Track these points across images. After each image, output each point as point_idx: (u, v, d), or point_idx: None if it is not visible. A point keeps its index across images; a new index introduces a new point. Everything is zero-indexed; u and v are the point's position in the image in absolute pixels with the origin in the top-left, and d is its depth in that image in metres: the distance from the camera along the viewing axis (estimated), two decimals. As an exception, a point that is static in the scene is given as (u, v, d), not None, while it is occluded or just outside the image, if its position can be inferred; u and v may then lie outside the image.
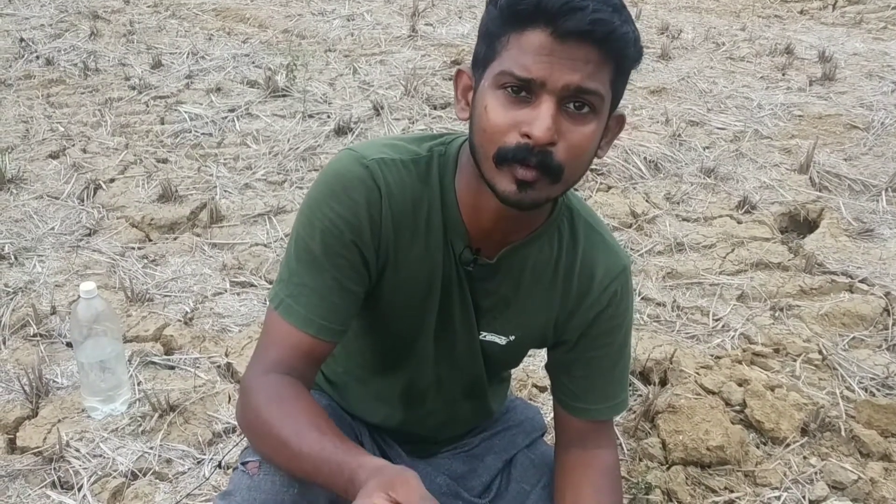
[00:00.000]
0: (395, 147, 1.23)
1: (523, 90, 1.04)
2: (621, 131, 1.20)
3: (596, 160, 1.15)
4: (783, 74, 5.17)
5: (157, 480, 2.01)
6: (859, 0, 6.97)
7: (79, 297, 2.11)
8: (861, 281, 2.94)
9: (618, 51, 1.03)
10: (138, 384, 2.31)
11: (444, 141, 1.25)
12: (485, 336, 1.33)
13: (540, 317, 1.31)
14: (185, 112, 4.25)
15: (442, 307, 1.28)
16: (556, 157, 1.05)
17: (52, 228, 3.12)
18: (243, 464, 1.23)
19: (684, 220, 3.40)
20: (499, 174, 1.07)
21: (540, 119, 1.02)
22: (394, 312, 1.29)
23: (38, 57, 5.04)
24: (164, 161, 3.72)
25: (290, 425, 1.13)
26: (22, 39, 5.30)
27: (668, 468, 2.09)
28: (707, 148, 4.05)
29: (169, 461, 2.07)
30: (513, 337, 1.33)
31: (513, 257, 1.25)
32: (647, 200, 3.53)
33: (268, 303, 1.24)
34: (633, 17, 1.06)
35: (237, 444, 2.09)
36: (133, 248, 3.01)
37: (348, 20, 6.22)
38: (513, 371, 1.61)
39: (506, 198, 1.08)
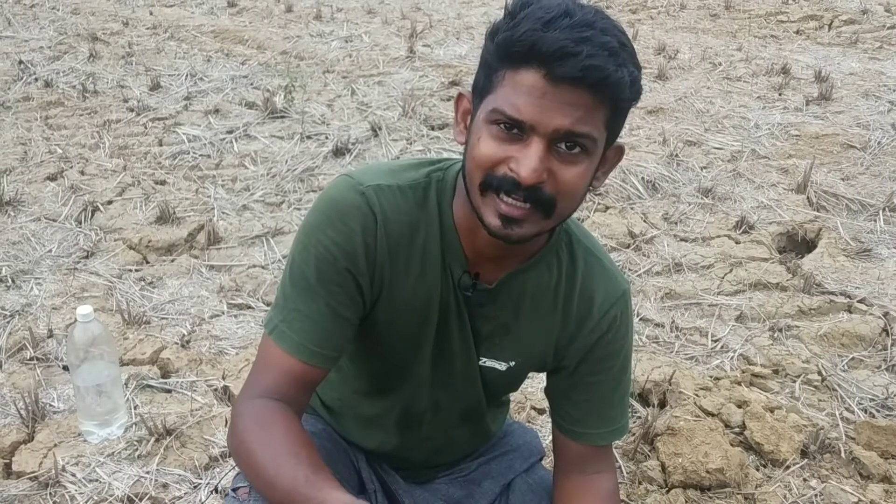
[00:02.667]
0: (393, 173, 1.23)
1: (515, 127, 1.04)
2: (620, 161, 1.20)
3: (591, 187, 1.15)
4: (780, 94, 5.19)
5: (154, 506, 2.00)
6: (855, 20, 7.01)
7: (76, 320, 2.10)
8: (860, 301, 2.94)
9: (612, 95, 1.03)
10: (135, 408, 2.30)
11: (443, 166, 1.25)
12: (484, 362, 1.32)
13: (539, 342, 1.31)
14: (184, 134, 4.27)
15: (440, 332, 1.28)
16: (546, 191, 1.06)
17: (50, 251, 3.12)
18: (234, 490, 1.23)
19: (682, 240, 3.40)
20: (484, 203, 1.08)
21: (528, 160, 1.03)
22: (390, 337, 1.29)
23: (36, 79, 5.06)
24: (162, 183, 3.72)
25: (268, 452, 1.11)
26: (21, 61, 5.34)
27: (668, 491, 2.07)
28: (704, 168, 4.06)
29: (165, 486, 2.05)
30: (512, 363, 1.33)
31: (512, 283, 1.25)
32: (644, 220, 3.53)
33: (263, 327, 1.24)
34: (632, 41, 1.05)
35: (234, 468, 2.07)
36: (130, 271, 3.01)
37: (346, 41, 6.26)
38: (511, 394, 1.60)
39: (492, 231, 1.09)
